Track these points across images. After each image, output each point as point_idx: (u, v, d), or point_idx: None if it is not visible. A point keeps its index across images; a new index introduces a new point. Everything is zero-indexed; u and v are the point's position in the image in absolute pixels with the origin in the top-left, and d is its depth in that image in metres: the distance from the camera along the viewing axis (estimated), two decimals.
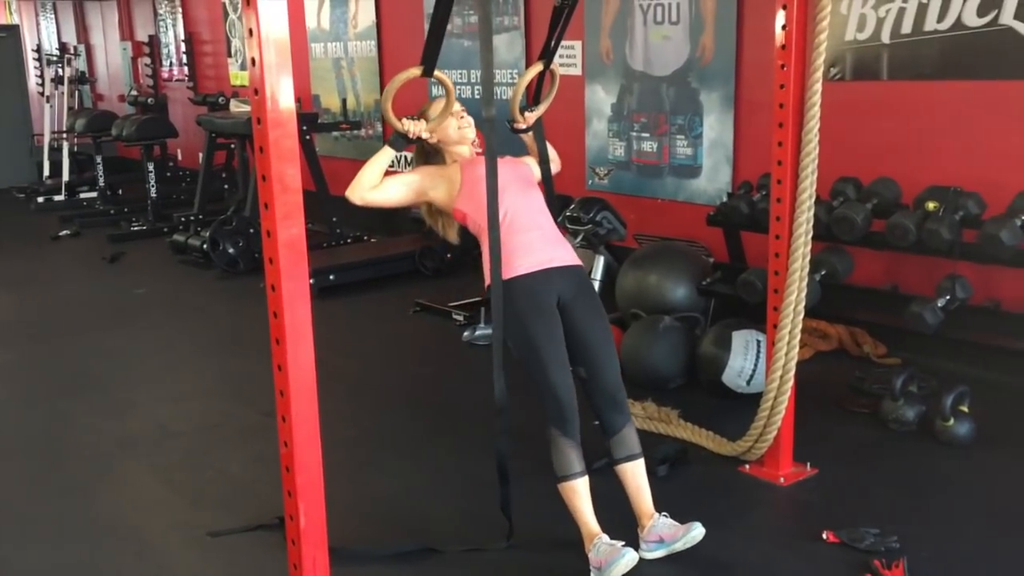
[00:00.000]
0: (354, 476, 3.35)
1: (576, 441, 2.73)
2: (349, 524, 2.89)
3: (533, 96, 3.18)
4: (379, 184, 2.90)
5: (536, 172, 3.12)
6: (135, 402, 4.26)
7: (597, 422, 2.87)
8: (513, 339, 2.75)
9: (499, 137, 2.68)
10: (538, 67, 3.07)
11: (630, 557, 2.60)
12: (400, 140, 2.89)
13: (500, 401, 2.69)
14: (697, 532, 2.72)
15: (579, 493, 2.74)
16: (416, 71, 2.70)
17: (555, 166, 3.20)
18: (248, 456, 3.59)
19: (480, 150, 2.98)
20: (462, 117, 3.03)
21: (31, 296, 6.37)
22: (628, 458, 2.82)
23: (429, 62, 2.67)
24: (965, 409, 3.46)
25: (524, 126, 3.11)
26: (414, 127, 2.87)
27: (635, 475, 2.82)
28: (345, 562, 2.63)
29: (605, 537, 2.66)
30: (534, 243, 2.81)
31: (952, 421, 3.42)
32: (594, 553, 2.64)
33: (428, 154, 3.09)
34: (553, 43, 3.00)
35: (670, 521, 2.75)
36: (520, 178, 2.97)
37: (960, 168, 4.10)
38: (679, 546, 2.72)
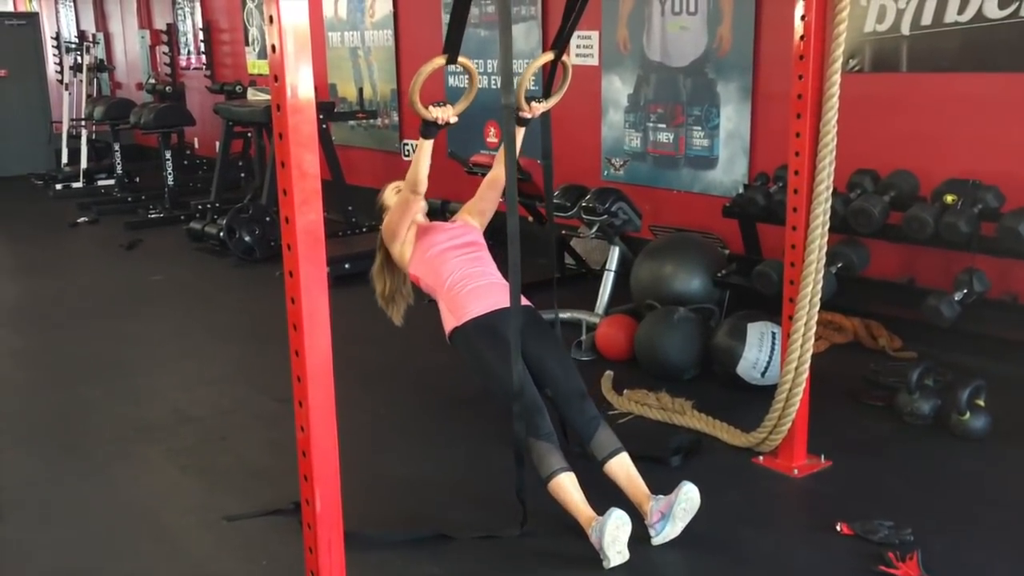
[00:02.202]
0: (369, 462, 3.37)
1: (552, 442, 2.83)
2: (364, 509, 2.91)
3: (544, 88, 3.18)
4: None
5: (478, 222, 3.46)
6: (152, 387, 4.29)
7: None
8: (474, 369, 3.04)
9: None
10: (548, 56, 3.07)
11: (616, 515, 2.63)
12: (431, 128, 2.94)
13: (517, 387, 2.71)
14: (688, 488, 2.73)
15: (566, 488, 2.78)
16: (441, 60, 2.71)
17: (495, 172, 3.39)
18: (264, 441, 3.62)
19: (491, 140, 3.06)
20: None
21: (49, 282, 6.41)
22: (611, 455, 2.88)
23: (453, 49, 2.69)
24: (981, 403, 3.45)
25: (529, 116, 3.12)
26: (442, 113, 2.91)
27: (623, 467, 2.87)
28: (360, 547, 2.65)
29: (601, 517, 2.68)
30: (483, 291, 3.12)
31: (968, 415, 3.41)
32: (595, 535, 2.66)
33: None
34: (566, 33, 3.00)
35: (663, 496, 2.77)
36: (463, 242, 3.31)
37: (979, 161, 4.07)
38: (679, 510, 2.72)
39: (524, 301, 3.11)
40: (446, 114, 2.92)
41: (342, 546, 2.21)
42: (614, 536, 2.61)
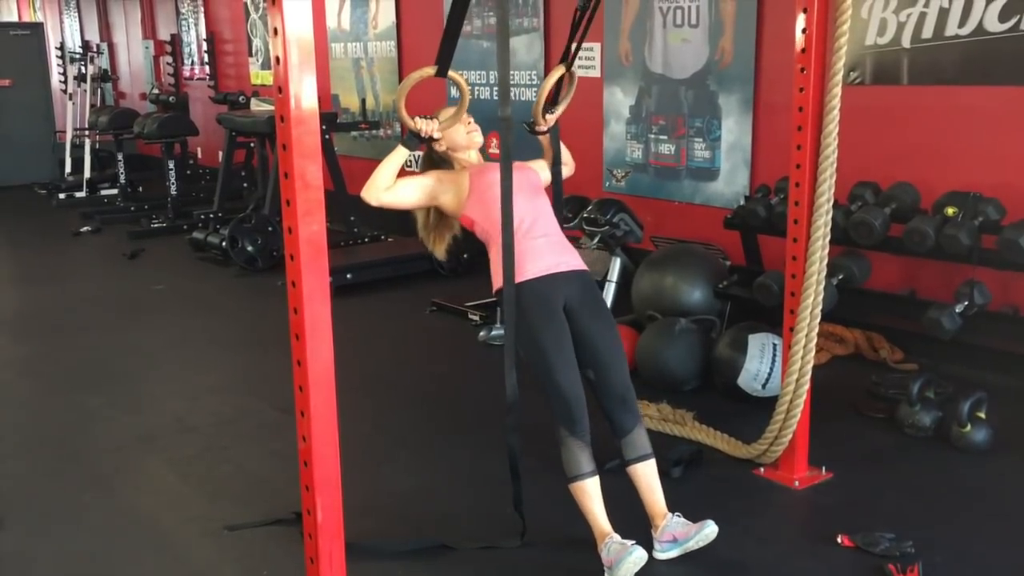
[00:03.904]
0: (370, 472, 3.37)
1: (585, 441, 2.75)
2: (364, 520, 2.91)
3: (551, 98, 3.20)
4: (393, 185, 2.94)
5: (544, 176, 3.16)
6: (153, 396, 4.30)
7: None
8: (521, 341, 2.79)
9: (515, 137, 2.70)
10: (560, 70, 3.08)
11: (638, 554, 2.61)
12: (414, 139, 2.93)
13: (511, 398, 2.70)
14: (710, 530, 2.72)
15: (589, 493, 2.75)
16: (430, 71, 2.71)
17: (568, 169, 3.25)
18: (265, 451, 3.62)
19: (493, 151, 3.01)
20: (470, 123, 3.10)
21: (51, 291, 6.43)
22: (639, 458, 2.83)
23: (444, 62, 2.69)
24: (982, 415, 3.45)
25: (544, 128, 3.13)
26: (427, 126, 2.90)
27: (647, 475, 2.84)
28: (360, 557, 2.64)
29: (616, 536, 2.67)
30: (542, 249, 2.85)
31: (969, 427, 3.41)
32: (605, 553, 2.65)
33: (436, 161, 3.13)
34: (574, 46, 3.02)
35: (683, 520, 2.76)
36: (529, 184, 3.00)
37: (979, 174, 4.08)
38: (692, 544, 2.72)
39: (581, 265, 2.95)
40: (430, 127, 2.90)
41: (343, 556, 2.21)
42: (628, 571, 2.60)
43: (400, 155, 2.94)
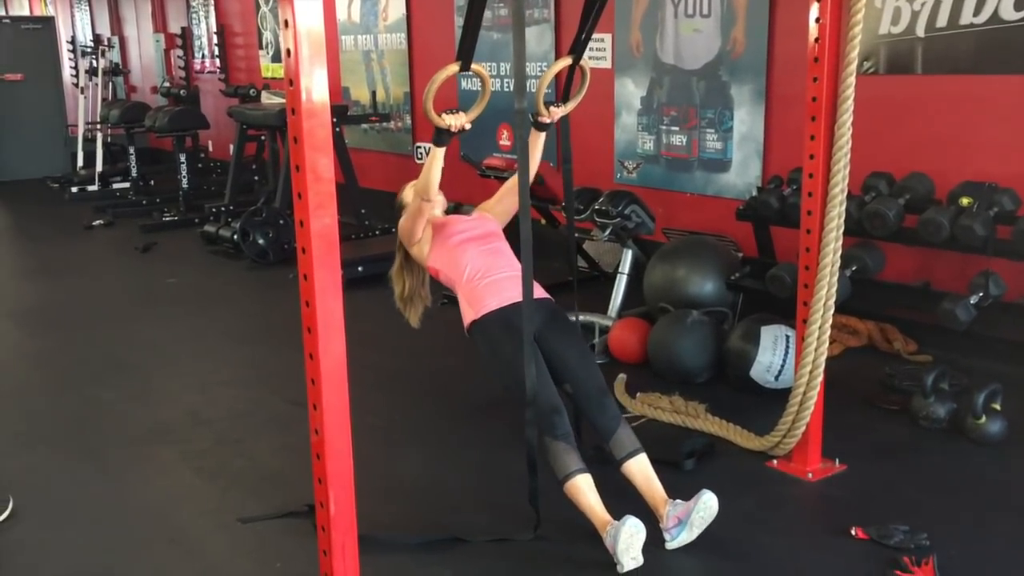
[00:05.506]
0: (382, 465, 3.38)
1: (569, 443, 2.81)
2: (377, 512, 2.91)
3: (562, 92, 3.18)
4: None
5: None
6: (166, 389, 4.31)
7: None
8: (493, 365, 2.99)
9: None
10: (566, 61, 3.07)
11: (631, 523, 2.62)
12: (444, 135, 2.95)
13: (530, 392, 2.71)
14: (707, 497, 2.73)
15: (583, 490, 2.77)
16: (454, 67, 2.73)
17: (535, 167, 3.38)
18: (277, 444, 3.63)
19: (504, 143, 3.05)
20: None
21: (64, 284, 6.46)
22: (629, 455, 2.87)
23: (466, 56, 2.71)
24: (997, 407, 3.43)
25: (548, 121, 3.12)
26: (455, 120, 2.92)
27: (641, 469, 2.87)
28: (373, 549, 2.65)
29: (616, 522, 2.67)
30: (501, 283, 3.08)
31: (984, 419, 3.39)
32: (609, 540, 2.66)
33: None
34: (584, 37, 3.00)
35: (681, 501, 2.77)
36: (483, 231, 3.29)
37: (995, 164, 4.05)
38: (696, 519, 2.72)
39: (544, 294, 3.12)
40: (459, 121, 2.93)
41: (356, 549, 2.22)
42: (628, 544, 2.61)
43: (437, 154, 3.04)
